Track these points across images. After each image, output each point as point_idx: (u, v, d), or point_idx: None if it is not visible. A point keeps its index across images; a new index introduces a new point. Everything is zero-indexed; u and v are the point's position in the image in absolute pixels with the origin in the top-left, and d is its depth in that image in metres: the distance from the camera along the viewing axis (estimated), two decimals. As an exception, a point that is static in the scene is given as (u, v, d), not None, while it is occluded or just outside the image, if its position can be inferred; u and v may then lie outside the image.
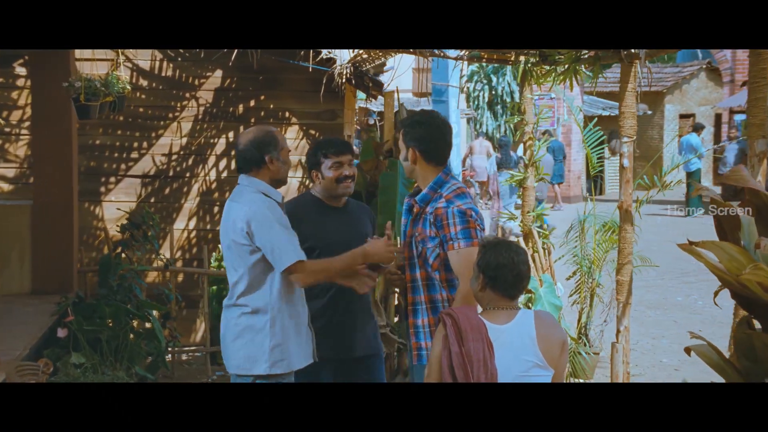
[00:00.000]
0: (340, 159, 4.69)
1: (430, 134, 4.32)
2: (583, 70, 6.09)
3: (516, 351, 3.58)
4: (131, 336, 6.22)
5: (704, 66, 27.25)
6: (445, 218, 4.16)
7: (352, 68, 7.46)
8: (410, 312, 4.35)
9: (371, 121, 12.35)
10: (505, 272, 3.66)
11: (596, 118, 8.43)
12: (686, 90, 27.12)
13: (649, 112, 25.67)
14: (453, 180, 4.33)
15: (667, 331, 9.15)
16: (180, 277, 7.98)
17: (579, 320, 7.45)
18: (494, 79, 24.38)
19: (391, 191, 6.62)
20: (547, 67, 6.70)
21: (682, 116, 27.40)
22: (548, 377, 3.62)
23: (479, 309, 3.82)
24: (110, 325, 6.11)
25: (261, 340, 4.19)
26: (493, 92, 24.56)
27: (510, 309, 3.68)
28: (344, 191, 4.73)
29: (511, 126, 24.51)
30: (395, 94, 7.55)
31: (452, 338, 3.58)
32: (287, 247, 4.09)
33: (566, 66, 6.19)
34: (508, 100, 23.39)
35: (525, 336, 3.61)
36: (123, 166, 8.28)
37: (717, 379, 3.78)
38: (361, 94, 9.57)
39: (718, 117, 26.96)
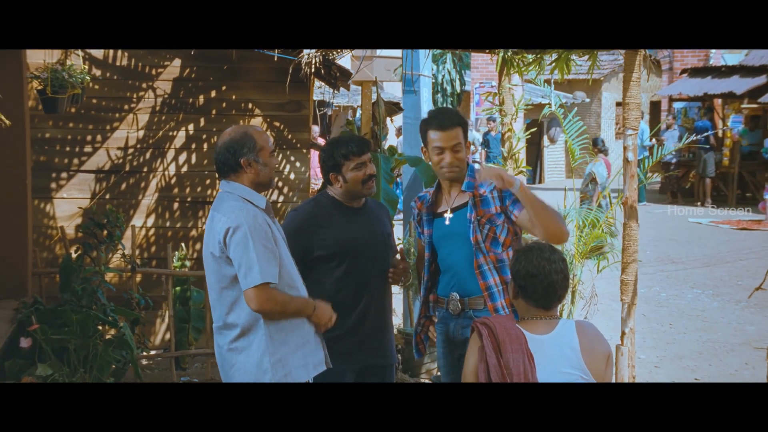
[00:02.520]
0: (363, 158, 4.43)
1: None
2: (575, 59, 5.87)
3: (557, 363, 3.33)
4: (100, 344, 5.81)
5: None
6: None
7: (321, 57, 7.12)
8: (487, 297, 4.19)
9: (329, 112, 12.04)
10: (534, 282, 3.41)
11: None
12: (623, 78, 27.25)
13: (587, 100, 25.75)
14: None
15: (637, 325, 8.95)
16: (138, 278, 7.56)
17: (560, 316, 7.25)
18: (434, 67, 24.09)
19: (373, 186, 6.31)
20: (530, 56, 6.46)
21: (619, 104, 27.56)
22: None
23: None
24: (77, 333, 5.68)
25: (259, 359, 3.86)
26: (434, 80, 24.26)
27: (549, 318, 3.43)
28: (368, 191, 4.48)
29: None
30: (373, 85, 7.24)
31: (489, 350, 3.31)
32: (256, 266, 3.75)
33: (553, 55, 5.98)
34: (449, 88, 23.18)
35: (566, 347, 3.35)
36: (76, 161, 7.82)
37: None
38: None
39: (654, 105, 27.21)
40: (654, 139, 18.82)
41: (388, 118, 8.93)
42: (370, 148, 4.55)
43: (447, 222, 4.33)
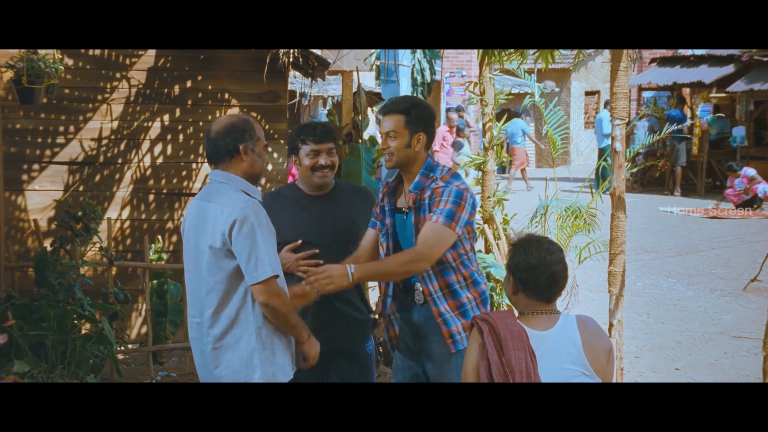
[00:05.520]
0: (318, 147, 4.43)
1: (433, 119, 4.21)
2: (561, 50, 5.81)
3: (560, 359, 3.26)
4: (78, 340, 5.68)
5: (608, 43, 27.46)
6: (440, 195, 3.99)
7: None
8: (431, 302, 4.10)
9: (305, 103, 11.95)
10: (537, 274, 3.34)
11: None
12: (591, 67, 27.36)
13: (557, 90, 25.79)
14: (440, 163, 4.17)
15: (615, 315, 8.99)
16: (114, 271, 7.42)
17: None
18: (404, 56, 23.92)
19: (354, 178, 6.24)
20: (513, 46, 6.39)
21: (588, 93, 27.66)
22: None
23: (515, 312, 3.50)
24: (54, 328, 5.56)
25: (249, 355, 3.73)
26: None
27: (550, 313, 3.36)
28: (320, 181, 4.47)
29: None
30: (354, 74, 7.14)
31: (491, 347, 3.23)
32: (266, 259, 3.65)
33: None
34: (419, 78, 23.07)
35: (568, 343, 3.29)
36: (48, 152, 7.66)
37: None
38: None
39: (623, 94, 27.24)
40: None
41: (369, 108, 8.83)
42: (331, 138, 4.49)
43: (405, 218, 4.21)
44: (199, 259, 3.77)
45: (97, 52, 7.64)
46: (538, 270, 3.35)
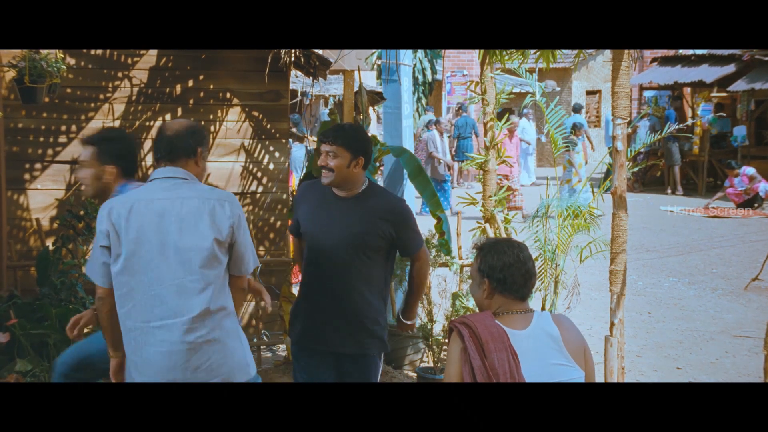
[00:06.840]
0: (321, 147, 4.45)
1: (129, 150, 4.39)
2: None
3: (544, 356, 3.29)
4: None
5: (609, 42, 27.47)
6: None
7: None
8: None
9: (306, 102, 11.98)
10: (513, 272, 3.39)
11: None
12: (592, 66, 27.36)
13: (558, 89, 25.80)
14: (134, 182, 4.31)
15: (616, 314, 9.00)
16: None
17: (542, 307, 7.21)
18: (405, 55, 23.90)
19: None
20: (514, 46, 6.39)
21: (589, 92, 27.66)
22: (581, 378, 3.35)
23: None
24: (56, 327, 5.57)
25: (243, 351, 3.84)
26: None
27: (525, 312, 3.40)
28: (323, 180, 4.42)
29: (423, 104, 24.08)
30: (355, 74, 7.15)
31: (472, 351, 3.25)
32: (253, 250, 3.85)
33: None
34: (421, 77, 23.11)
35: (548, 338, 3.32)
36: (50, 152, 7.66)
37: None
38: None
39: (623, 93, 27.24)
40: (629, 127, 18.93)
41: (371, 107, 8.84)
42: (333, 139, 4.39)
43: None
44: (173, 256, 3.63)
45: (99, 51, 7.64)
46: (514, 267, 3.40)
